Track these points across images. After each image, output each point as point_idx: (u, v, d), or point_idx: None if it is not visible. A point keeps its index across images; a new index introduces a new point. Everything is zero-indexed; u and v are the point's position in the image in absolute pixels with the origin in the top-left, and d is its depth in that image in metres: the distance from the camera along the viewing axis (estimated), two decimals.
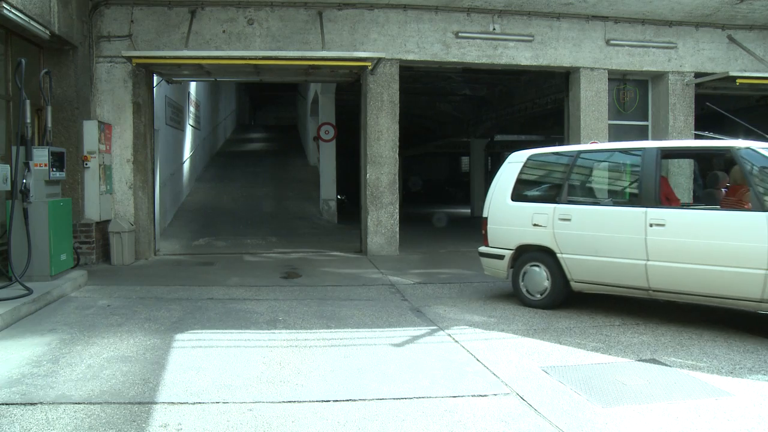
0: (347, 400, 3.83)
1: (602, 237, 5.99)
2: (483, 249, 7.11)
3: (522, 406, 3.77)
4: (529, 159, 6.86)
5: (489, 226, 6.99)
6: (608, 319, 6.00)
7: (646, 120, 11.91)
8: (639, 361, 4.67)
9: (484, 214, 7.07)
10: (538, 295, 6.53)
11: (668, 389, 4.04)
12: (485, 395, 3.95)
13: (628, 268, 5.79)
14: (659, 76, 11.60)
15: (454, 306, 6.66)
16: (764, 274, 4.97)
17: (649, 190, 5.80)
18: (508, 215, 6.80)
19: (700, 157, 8.17)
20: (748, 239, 5.09)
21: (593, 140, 10.11)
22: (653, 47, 11.25)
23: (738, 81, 10.69)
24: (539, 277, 6.50)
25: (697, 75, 11.42)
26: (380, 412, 3.66)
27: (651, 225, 5.63)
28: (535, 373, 4.36)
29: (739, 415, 3.60)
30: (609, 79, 11.29)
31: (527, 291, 6.65)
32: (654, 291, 5.74)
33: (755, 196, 5.19)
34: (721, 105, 14.78)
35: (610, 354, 4.84)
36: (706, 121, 11.40)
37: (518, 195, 6.78)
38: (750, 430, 3.41)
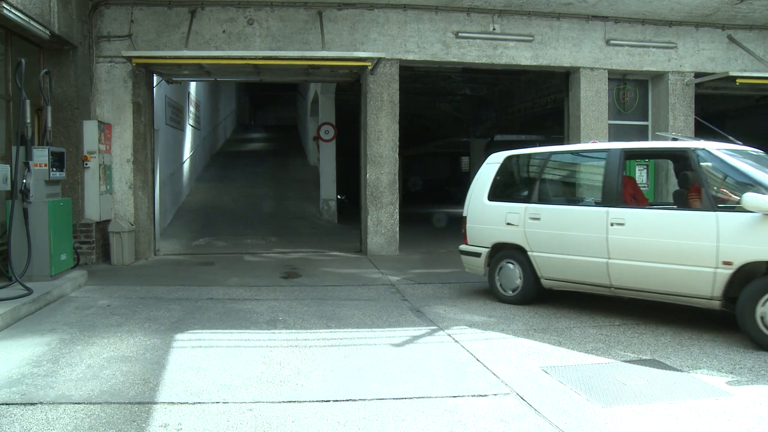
0: (347, 400, 3.83)
1: (568, 236, 6.21)
2: (463, 247, 7.37)
3: (522, 406, 3.77)
4: (505, 160, 7.13)
5: (468, 224, 7.26)
6: (608, 319, 6.00)
7: (646, 120, 11.90)
8: (639, 361, 4.67)
9: (464, 213, 7.33)
10: (511, 292, 6.78)
11: (668, 389, 4.05)
12: (485, 395, 3.95)
13: (591, 266, 5.99)
14: (659, 76, 11.59)
15: (454, 306, 6.66)
16: (713, 272, 5.16)
17: (611, 189, 6.02)
18: (485, 214, 7.05)
19: (661, 157, 8.32)
20: (699, 238, 5.28)
21: (593, 140, 10.10)
22: (653, 47, 11.24)
23: (738, 81, 10.68)
24: (512, 274, 6.74)
25: (697, 75, 11.41)
26: (380, 412, 3.66)
27: (612, 224, 5.84)
28: (535, 373, 4.36)
29: (739, 415, 3.60)
30: (609, 79, 11.28)
31: (502, 287, 6.87)
32: (616, 288, 5.96)
33: (706, 196, 5.38)
34: (722, 105, 14.83)
35: (610, 354, 4.85)
36: (706, 120, 11.40)
37: (494, 195, 7.05)
38: (750, 430, 3.41)
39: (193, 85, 16.83)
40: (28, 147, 6.93)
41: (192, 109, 16.95)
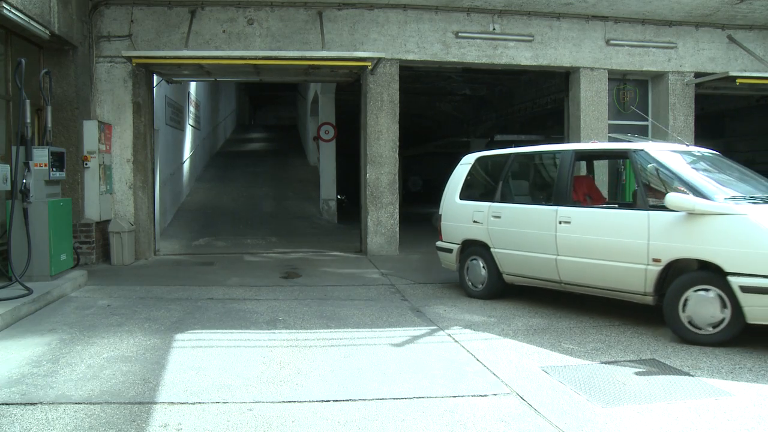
0: (347, 400, 3.83)
1: (524, 233, 6.53)
2: (438, 243, 7.74)
3: (522, 406, 3.77)
4: (476, 160, 7.46)
5: (442, 222, 7.63)
6: (608, 319, 6.00)
7: (646, 120, 11.90)
8: (639, 361, 4.67)
9: (440, 212, 7.66)
10: (479, 286, 7.08)
11: (668, 389, 4.05)
12: (485, 395, 3.95)
13: (543, 262, 6.28)
14: (659, 76, 11.59)
15: (454, 306, 6.67)
16: (644, 268, 5.41)
17: (561, 189, 6.27)
18: (456, 212, 7.39)
19: (609, 158, 8.77)
20: (633, 236, 5.50)
21: (593, 140, 10.11)
22: (653, 47, 11.24)
23: (738, 81, 10.68)
24: (478, 269, 7.06)
25: (697, 75, 11.41)
26: (380, 412, 3.66)
27: (560, 222, 6.12)
28: (535, 373, 4.36)
29: (739, 415, 3.60)
30: (609, 79, 11.28)
31: (470, 282, 7.18)
32: (565, 284, 6.20)
33: (640, 195, 5.61)
34: (722, 105, 14.82)
35: (610, 354, 4.85)
36: (706, 121, 11.41)
37: (465, 194, 7.39)
38: (750, 430, 3.41)
39: (193, 85, 16.83)
40: (28, 147, 6.93)
41: (192, 109, 16.94)
